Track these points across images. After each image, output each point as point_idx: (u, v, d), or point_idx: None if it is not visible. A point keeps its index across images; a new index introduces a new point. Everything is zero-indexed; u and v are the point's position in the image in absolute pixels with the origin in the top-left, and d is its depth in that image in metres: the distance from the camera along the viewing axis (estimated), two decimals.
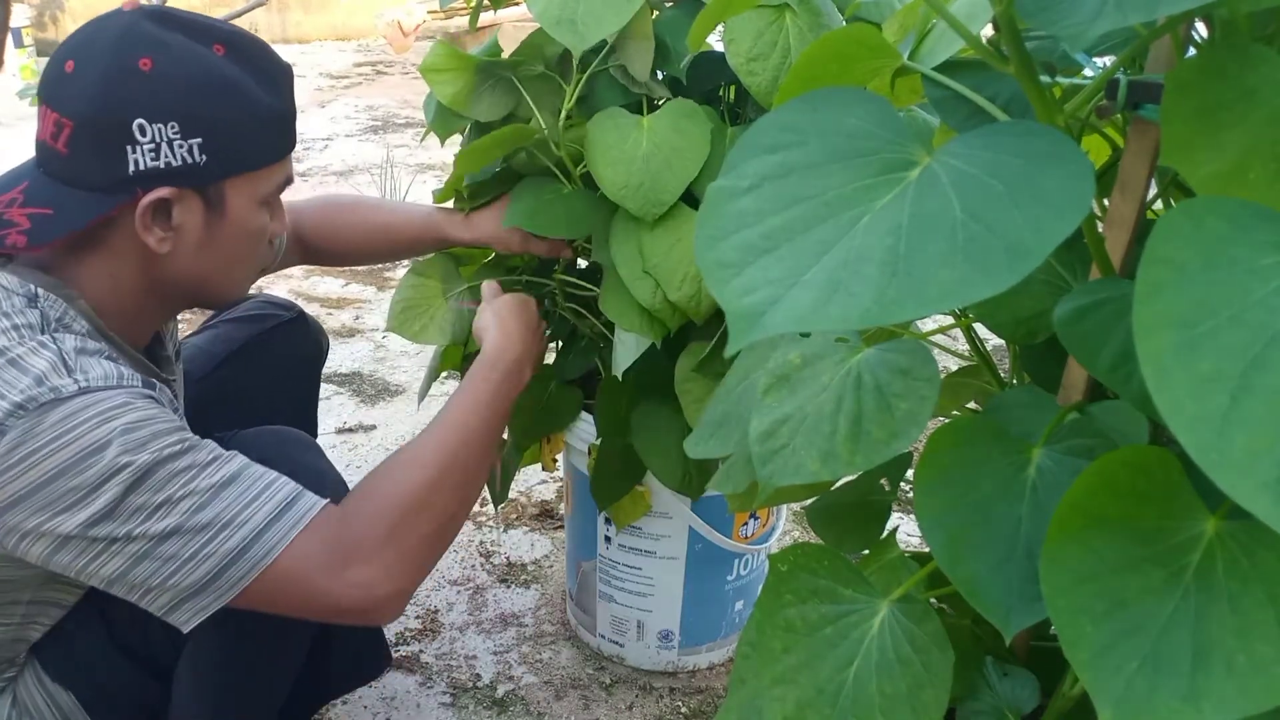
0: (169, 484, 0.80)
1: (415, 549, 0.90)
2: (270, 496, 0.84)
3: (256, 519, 0.82)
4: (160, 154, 0.83)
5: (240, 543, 0.81)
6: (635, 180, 1.02)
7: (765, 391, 0.66)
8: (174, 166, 0.84)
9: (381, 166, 3.83)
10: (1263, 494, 0.36)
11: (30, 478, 0.78)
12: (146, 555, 0.80)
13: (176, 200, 0.87)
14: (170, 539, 0.80)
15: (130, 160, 0.83)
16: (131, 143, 0.83)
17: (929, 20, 0.70)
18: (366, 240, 1.31)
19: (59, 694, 0.97)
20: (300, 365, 1.30)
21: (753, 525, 1.38)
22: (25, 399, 0.78)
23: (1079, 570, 0.49)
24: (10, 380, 0.79)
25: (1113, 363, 0.55)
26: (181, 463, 0.81)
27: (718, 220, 0.51)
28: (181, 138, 0.84)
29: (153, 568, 0.81)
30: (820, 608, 0.63)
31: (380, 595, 0.87)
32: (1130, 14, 0.44)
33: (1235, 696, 0.43)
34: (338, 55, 6.99)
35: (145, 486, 0.79)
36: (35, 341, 0.81)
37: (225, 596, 0.83)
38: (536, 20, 1.01)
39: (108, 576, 0.82)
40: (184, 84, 0.84)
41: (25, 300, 0.84)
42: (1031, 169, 0.46)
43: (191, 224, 0.89)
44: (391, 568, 0.88)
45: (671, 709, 1.39)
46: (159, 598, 0.83)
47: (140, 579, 0.81)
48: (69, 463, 0.78)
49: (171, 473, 0.80)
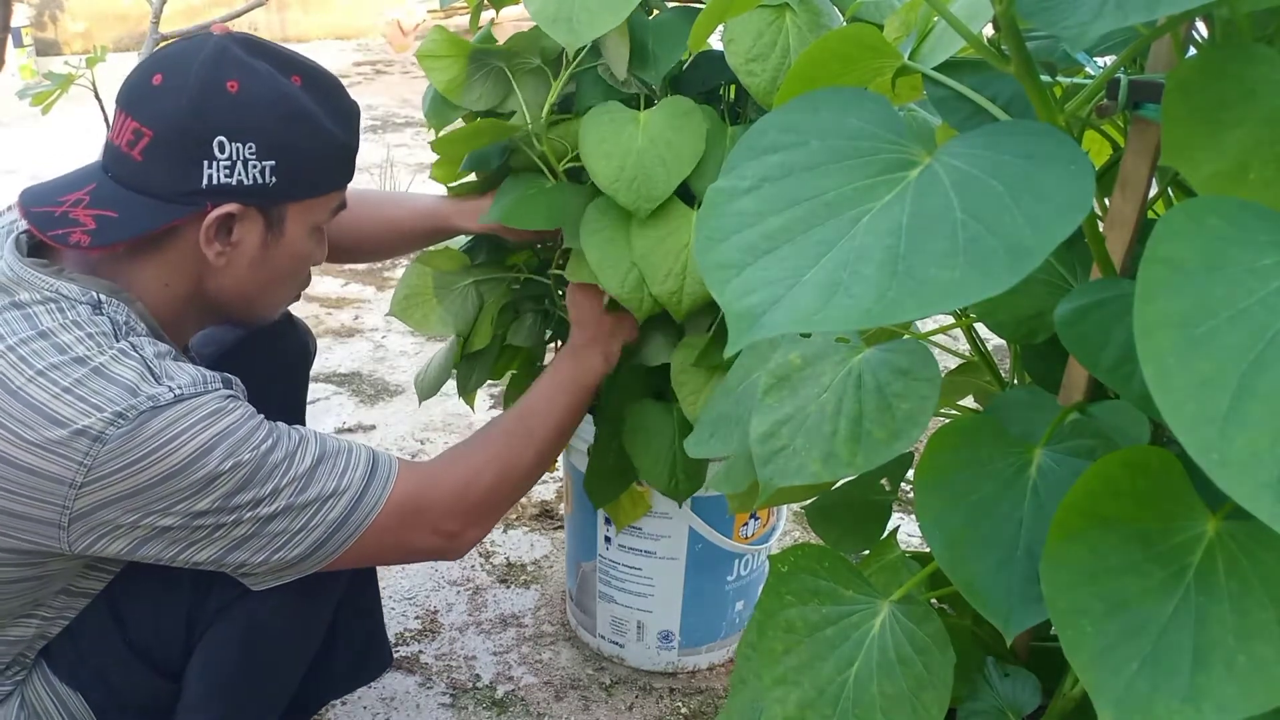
0: (273, 476, 0.85)
1: (493, 505, 1.03)
2: (356, 464, 0.91)
3: (353, 489, 0.90)
4: (235, 172, 0.87)
5: (343, 511, 0.89)
6: (628, 174, 1.02)
7: (766, 392, 0.66)
8: (245, 185, 0.88)
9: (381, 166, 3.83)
10: (1263, 494, 0.36)
11: (133, 483, 0.81)
12: (253, 535, 0.86)
13: (241, 217, 0.90)
14: (277, 519, 0.86)
15: (205, 174, 0.87)
16: (209, 158, 0.86)
17: (929, 20, 0.70)
18: (374, 234, 1.32)
19: (69, 697, 0.97)
20: (288, 366, 1.30)
21: (753, 525, 1.37)
22: (125, 407, 0.80)
23: (1080, 571, 0.49)
24: (100, 390, 0.80)
25: (1113, 363, 0.55)
26: (279, 454, 0.86)
27: (718, 221, 0.51)
28: (257, 158, 0.88)
29: (257, 544, 0.87)
30: (821, 608, 0.63)
31: (458, 544, 1.00)
32: (1130, 14, 0.44)
33: (1236, 697, 0.43)
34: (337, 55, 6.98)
35: (254, 483, 0.85)
36: (116, 349, 0.83)
37: (324, 563, 0.91)
38: (533, 19, 1.00)
39: (202, 560, 0.87)
40: (266, 109, 0.88)
41: (90, 308, 0.86)
42: (1032, 169, 0.46)
43: (250, 242, 0.93)
44: (473, 519, 1.00)
45: (671, 709, 1.39)
46: (255, 570, 0.89)
47: (240, 559, 0.87)
48: (175, 468, 0.81)
49: (273, 465, 0.86)
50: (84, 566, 0.93)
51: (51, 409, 0.79)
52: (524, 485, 1.08)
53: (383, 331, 2.62)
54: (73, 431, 0.79)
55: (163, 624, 0.98)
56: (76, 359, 0.81)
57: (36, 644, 0.96)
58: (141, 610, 0.97)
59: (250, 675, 1.00)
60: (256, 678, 1.01)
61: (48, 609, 0.94)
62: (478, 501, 1.00)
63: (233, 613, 0.98)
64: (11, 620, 0.92)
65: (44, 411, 0.79)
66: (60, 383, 0.80)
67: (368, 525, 0.91)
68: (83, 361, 0.81)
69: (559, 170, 1.12)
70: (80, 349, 0.82)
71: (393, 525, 0.93)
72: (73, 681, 0.97)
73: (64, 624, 0.96)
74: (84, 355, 0.81)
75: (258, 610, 0.98)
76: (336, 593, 1.08)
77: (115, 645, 0.97)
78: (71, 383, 0.80)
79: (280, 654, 1.03)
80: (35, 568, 0.88)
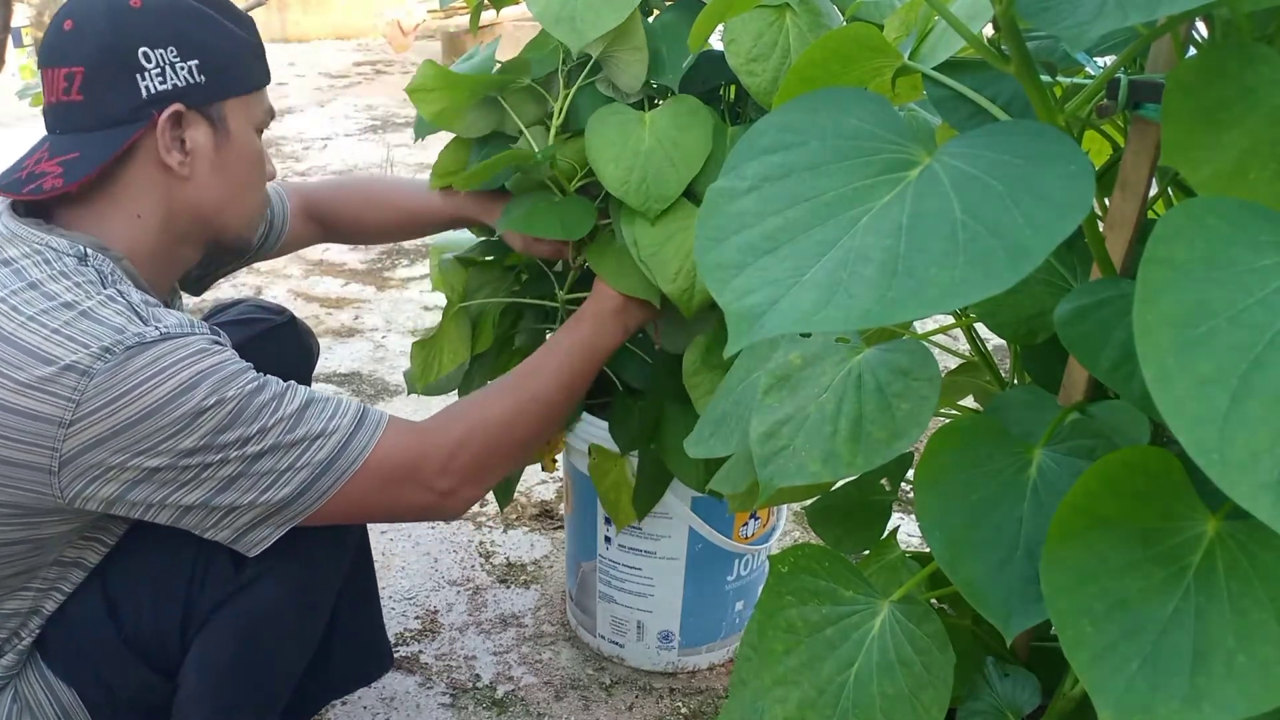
0: (260, 414, 0.86)
1: (489, 464, 1.00)
2: (345, 412, 0.92)
3: (341, 430, 0.90)
4: (166, 76, 0.92)
5: (331, 452, 0.89)
6: (637, 176, 1.02)
7: (766, 392, 0.66)
8: (180, 86, 0.93)
9: (381, 166, 3.84)
10: (1263, 494, 0.36)
11: (118, 419, 0.82)
12: (241, 475, 0.87)
13: (188, 120, 0.94)
14: (265, 457, 0.87)
15: (142, 86, 0.91)
16: (140, 70, 0.91)
17: (930, 20, 0.70)
18: (384, 217, 1.35)
19: (62, 691, 0.97)
20: (291, 369, 1.30)
21: (753, 525, 1.37)
22: (112, 343, 0.82)
23: (1080, 571, 0.49)
24: (88, 329, 0.83)
25: (1113, 363, 0.55)
26: (265, 395, 0.87)
27: (718, 221, 0.51)
28: (181, 60, 0.93)
29: (245, 484, 0.87)
30: (821, 609, 0.63)
31: (452, 502, 0.98)
32: (1131, 14, 0.44)
33: (1235, 697, 0.43)
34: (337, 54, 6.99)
35: (240, 421, 0.85)
36: (104, 295, 0.86)
37: (312, 508, 0.90)
38: (536, 19, 1.00)
39: (188, 505, 0.87)
40: (173, 14, 0.94)
41: (77, 260, 0.89)
42: (1032, 169, 0.46)
43: (204, 145, 0.96)
44: (467, 476, 0.98)
45: (671, 709, 1.39)
46: (240, 517, 0.89)
47: (227, 502, 0.87)
48: (160, 403, 0.83)
49: (260, 405, 0.87)
50: (78, 537, 0.94)
51: (42, 350, 0.82)
52: (525, 447, 1.05)
53: (383, 331, 2.62)
54: (61, 368, 0.81)
55: (158, 619, 0.98)
56: (65, 304, 0.84)
57: (30, 622, 0.96)
58: (136, 604, 0.97)
59: (246, 672, 1.00)
60: (253, 675, 1.01)
61: (41, 580, 0.94)
62: (473, 459, 0.98)
63: (229, 609, 0.98)
64: (8, 593, 0.93)
65: (34, 353, 0.82)
66: (49, 325, 0.83)
67: (356, 470, 0.90)
68: (71, 306, 0.84)
69: (569, 189, 1.13)
70: (68, 295, 0.85)
71: (383, 475, 0.92)
72: (67, 676, 0.97)
73: (58, 598, 0.97)
74: (72, 301, 0.84)
75: (254, 607, 0.98)
76: (333, 590, 1.08)
77: (110, 639, 0.97)
78: (60, 324, 0.83)
79: (277, 651, 1.02)
80: (30, 529, 0.88)
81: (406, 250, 3.18)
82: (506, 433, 1.01)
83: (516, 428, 1.02)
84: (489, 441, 0.99)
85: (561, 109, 1.10)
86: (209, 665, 0.99)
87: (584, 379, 1.10)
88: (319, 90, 5.81)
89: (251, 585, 0.98)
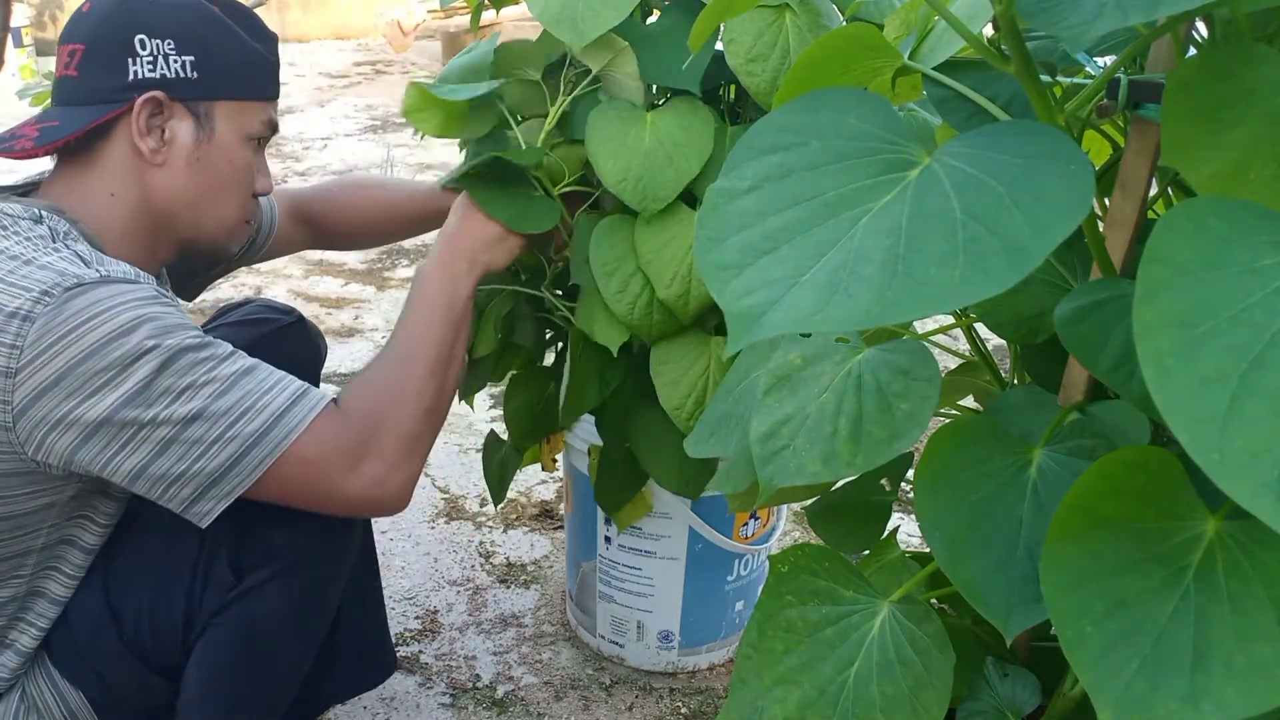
0: (194, 370, 0.86)
1: (409, 443, 0.97)
2: (285, 387, 0.90)
3: (275, 404, 0.89)
4: (157, 66, 0.94)
5: (262, 425, 0.88)
6: (635, 173, 1.02)
7: (766, 392, 0.66)
8: (168, 78, 0.95)
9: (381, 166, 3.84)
10: (1263, 494, 0.36)
11: (59, 362, 0.83)
12: (173, 441, 0.85)
13: (169, 110, 0.96)
14: (195, 423, 0.85)
15: (131, 71, 0.94)
16: (133, 55, 0.94)
17: (929, 20, 0.70)
18: (373, 216, 1.34)
19: (69, 693, 0.98)
20: (299, 369, 1.30)
21: (753, 525, 1.37)
22: (51, 286, 0.83)
23: (1079, 571, 0.49)
24: (31, 275, 0.84)
25: (1113, 363, 0.55)
26: (204, 353, 0.87)
27: (717, 221, 0.51)
28: (177, 53, 0.95)
29: (179, 452, 0.86)
30: (821, 608, 0.63)
31: (390, 487, 0.95)
32: (1131, 14, 0.44)
33: (1235, 697, 0.43)
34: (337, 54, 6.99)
35: (172, 370, 0.85)
36: (51, 248, 0.88)
37: (247, 481, 0.88)
38: (537, 19, 1.00)
39: (132, 470, 0.86)
40: (183, 10, 0.96)
41: (32, 222, 0.90)
42: (1031, 169, 0.46)
43: (183, 139, 0.97)
44: (397, 457, 0.95)
45: (671, 709, 1.39)
46: (183, 489, 0.87)
47: (164, 469, 0.86)
48: (97, 344, 0.83)
49: (195, 360, 0.86)
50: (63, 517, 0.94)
51: None
52: (434, 414, 1.01)
53: (383, 331, 2.62)
54: (5, 315, 0.82)
55: (159, 623, 0.98)
56: (13, 257, 0.86)
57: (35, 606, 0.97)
58: (137, 608, 0.98)
59: (247, 676, 1.00)
60: (253, 678, 1.01)
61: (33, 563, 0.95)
62: (394, 442, 0.95)
63: (229, 614, 0.98)
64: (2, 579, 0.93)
65: None
66: None
67: (287, 447, 0.88)
68: (17, 258, 0.86)
69: (554, 193, 1.12)
70: (17, 249, 0.87)
71: (315, 458, 0.90)
72: (73, 678, 0.98)
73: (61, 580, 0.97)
74: (19, 254, 0.86)
75: (254, 612, 0.98)
76: (336, 595, 1.08)
77: (112, 642, 0.98)
78: (6, 273, 0.85)
79: (278, 655, 1.02)
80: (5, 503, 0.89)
81: (406, 250, 3.18)
82: (411, 409, 0.98)
83: (418, 401, 0.98)
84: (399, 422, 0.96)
85: (555, 115, 1.10)
86: (210, 668, 0.99)
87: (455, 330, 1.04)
88: (319, 90, 5.81)
89: (252, 591, 0.98)
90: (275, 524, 0.99)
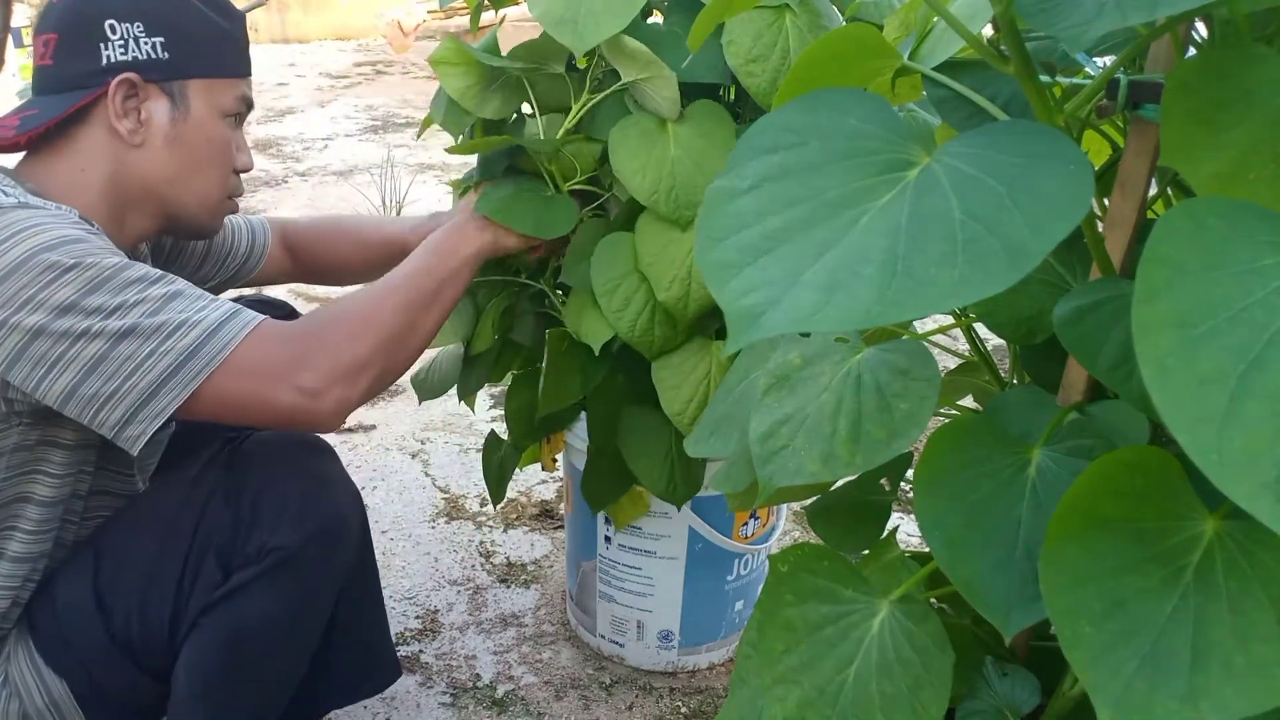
0: (125, 290, 0.86)
1: (355, 364, 0.95)
2: (219, 305, 0.91)
3: (210, 319, 0.89)
4: (129, 49, 0.97)
5: (196, 339, 0.88)
6: (666, 185, 1.04)
7: (765, 392, 0.66)
8: (140, 60, 0.98)
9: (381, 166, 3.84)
10: (1262, 495, 0.36)
11: None
12: (104, 358, 0.85)
13: (144, 91, 0.98)
14: (127, 339, 0.86)
15: (104, 55, 0.96)
16: (104, 40, 0.96)
17: (929, 20, 0.70)
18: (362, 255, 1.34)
19: (53, 681, 0.98)
20: None
21: (753, 525, 1.38)
22: None
23: (1078, 571, 0.49)
24: None
25: (1112, 363, 0.55)
26: (133, 274, 0.88)
27: (717, 221, 0.51)
28: (147, 35, 0.97)
29: (109, 369, 0.86)
30: (820, 608, 0.63)
31: (325, 402, 0.93)
32: (1130, 14, 0.44)
33: (1233, 697, 0.43)
34: (337, 55, 6.99)
35: (104, 289, 0.85)
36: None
37: (180, 396, 0.87)
38: (538, 21, 1.00)
39: (63, 391, 0.86)
40: None
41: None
42: (1031, 169, 0.46)
43: (159, 118, 1.00)
44: (335, 374, 0.93)
45: (671, 709, 1.39)
46: (114, 410, 0.87)
47: (95, 389, 0.86)
48: (21, 258, 0.84)
49: (126, 280, 0.87)
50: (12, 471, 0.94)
51: None
52: (394, 348, 0.99)
53: None
54: None
55: (145, 619, 0.97)
56: None
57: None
58: (125, 603, 0.97)
59: (237, 678, 1.00)
60: (243, 681, 1.00)
61: None
62: (333, 359, 0.93)
63: (217, 614, 0.97)
64: None
65: None
66: None
67: (221, 361, 0.88)
68: None
69: (564, 189, 1.13)
70: None
71: (249, 369, 0.89)
72: (57, 667, 0.97)
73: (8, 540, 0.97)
74: None
75: (241, 613, 0.97)
76: (329, 596, 1.07)
77: (98, 635, 0.97)
78: None
79: (268, 657, 1.01)
80: None
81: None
82: (368, 331, 0.97)
83: (379, 327, 0.98)
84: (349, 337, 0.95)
85: (577, 113, 1.10)
86: (199, 670, 0.99)
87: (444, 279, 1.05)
88: (319, 90, 5.81)
89: (239, 591, 0.97)
90: (266, 522, 0.98)
